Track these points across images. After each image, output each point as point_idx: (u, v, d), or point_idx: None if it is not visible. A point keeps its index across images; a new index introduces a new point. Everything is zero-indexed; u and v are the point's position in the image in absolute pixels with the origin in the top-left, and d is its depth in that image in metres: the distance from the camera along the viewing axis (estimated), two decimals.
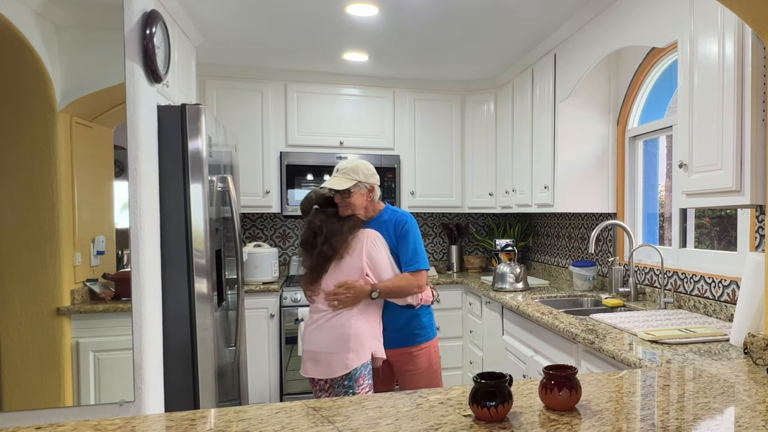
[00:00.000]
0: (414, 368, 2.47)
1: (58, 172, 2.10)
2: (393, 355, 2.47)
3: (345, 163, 2.46)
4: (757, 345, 1.66)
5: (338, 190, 2.40)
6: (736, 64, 1.78)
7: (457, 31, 3.22)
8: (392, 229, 2.47)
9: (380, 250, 2.41)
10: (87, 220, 2.10)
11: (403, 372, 2.50)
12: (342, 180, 2.40)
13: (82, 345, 2.04)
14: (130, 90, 2.18)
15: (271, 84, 4.01)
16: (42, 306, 1.98)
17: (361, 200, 2.44)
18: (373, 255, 2.39)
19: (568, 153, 3.20)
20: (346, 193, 2.41)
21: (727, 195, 1.86)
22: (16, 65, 2.68)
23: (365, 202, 2.46)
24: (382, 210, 2.53)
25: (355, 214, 2.44)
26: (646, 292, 2.91)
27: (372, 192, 2.48)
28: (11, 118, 2.75)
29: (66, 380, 2.02)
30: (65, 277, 2.02)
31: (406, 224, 2.47)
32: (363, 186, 2.43)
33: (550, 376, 1.24)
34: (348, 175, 2.41)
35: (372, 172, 2.49)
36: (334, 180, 2.41)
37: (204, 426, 1.15)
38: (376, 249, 2.40)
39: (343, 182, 2.39)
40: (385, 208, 2.55)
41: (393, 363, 2.50)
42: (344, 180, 2.40)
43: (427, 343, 2.50)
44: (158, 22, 2.27)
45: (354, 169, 2.42)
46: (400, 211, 2.54)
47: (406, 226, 2.47)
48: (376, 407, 1.27)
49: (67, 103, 2.88)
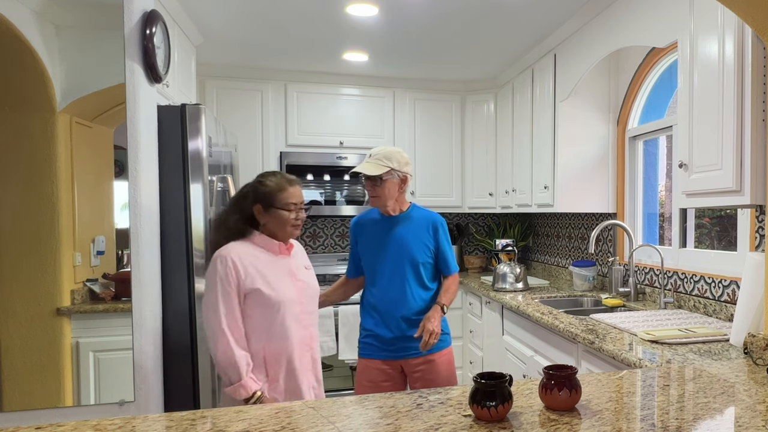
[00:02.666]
0: (435, 377, 2.27)
1: (58, 172, 2.10)
2: (414, 365, 2.28)
3: (378, 148, 2.28)
4: (757, 345, 1.66)
5: (369, 177, 2.21)
6: (736, 64, 1.78)
7: (457, 31, 3.22)
8: (430, 228, 2.31)
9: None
10: (87, 220, 2.10)
11: (425, 381, 2.27)
12: (374, 165, 2.20)
13: (82, 345, 2.04)
14: (130, 90, 2.18)
15: (271, 84, 4.01)
16: (42, 306, 1.99)
17: (393, 190, 2.25)
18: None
19: (568, 153, 3.20)
20: (377, 180, 2.20)
21: (727, 195, 1.86)
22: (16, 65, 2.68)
23: (396, 193, 2.27)
24: (410, 206, 2.36)
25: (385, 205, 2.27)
26: (646, 292, 2.91)
27: (405, 183, 2.28)
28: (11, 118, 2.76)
29: (66, 380, 2.02)
30: (65, 277, 2.02)
31: (444, 226, 2.35)
32: (396, 175, 2.23)
33: (550, 376, 1.24)
34: (381, 161, 2.21)
35: (407, 161, 2.28)
36: (365, 165, 2.21)
37: (204, 426, 1.15)
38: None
39: (375, 168, 2.20)
40: (412, 204, 2.38)
41: (411, 373, 2.30)
42: (377, 165, 2.20)
43: (449, 348, 2.35)
44: (158, 22, 2.27)
45: (388, 156, 2.23)
46: (429, 211, 2.39)
47: (444, 228, 2.34)
48: (376, 407, 1.27)
49: (67, 103, 2.88)
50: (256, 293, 1.81)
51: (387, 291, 2.30)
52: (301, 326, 1.89)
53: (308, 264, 2.04)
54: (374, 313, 2.33)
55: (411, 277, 2.29)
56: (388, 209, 2.29)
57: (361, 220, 2.43)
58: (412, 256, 2.29)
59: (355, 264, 2.44)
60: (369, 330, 2.35)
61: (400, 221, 2.31)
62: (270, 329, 1.83)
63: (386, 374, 2.30)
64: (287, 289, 1.86)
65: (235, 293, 1.79)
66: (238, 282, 1.79)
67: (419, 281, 2.30)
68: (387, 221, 2.33)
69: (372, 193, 2.25)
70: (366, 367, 2.34)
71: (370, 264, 2.36)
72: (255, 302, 1.81)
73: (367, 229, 2.38)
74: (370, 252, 2.35)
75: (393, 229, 2.32)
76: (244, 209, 1.89)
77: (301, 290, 1.92)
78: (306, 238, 4.45)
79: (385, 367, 2.30)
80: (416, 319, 2.26)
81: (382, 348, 2.30)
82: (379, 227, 2.34)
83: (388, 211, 2.31)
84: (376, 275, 2.34)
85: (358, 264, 2.42)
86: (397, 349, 2.29)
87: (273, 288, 1.82)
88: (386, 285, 2.30)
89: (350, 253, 2.48)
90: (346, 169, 4.06)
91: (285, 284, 1.87)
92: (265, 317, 1.82)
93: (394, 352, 2.29)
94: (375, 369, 2.31)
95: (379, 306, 2.32)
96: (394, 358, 2.30)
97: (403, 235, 2.30)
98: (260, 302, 1.81)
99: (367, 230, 2.38)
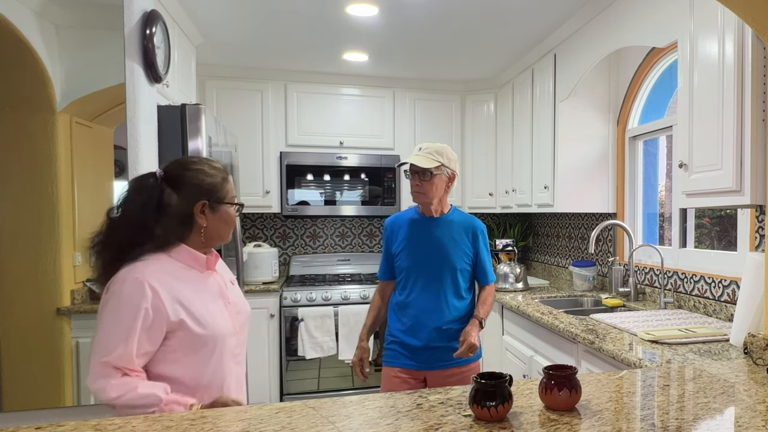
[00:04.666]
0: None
1: (58, 172, 2.10)
2: (441, 377, 2.17)
3: (428, 143, 2.18)
4: (757, 345, 1.65)
5: (420, 169, 2.10)
6: (736, 64, 1.78)
7: (457, 31, 3.22)
8: (470, 234, 2.21)
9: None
10: (87, 220, 2.10)
11: None
12: (425, 158, 2.10)
13: (82, 345, 2.04)
14: (130, 90, 2.18)
15: (271, 84, 4.01)
16: (42, 306, 1.99)
17: (441, 187, 2.14)
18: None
19: (568, 153, 3.20)
20: (427, 174, 2.10)
21: (727, 195, 1.86)
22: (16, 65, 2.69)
23: (443, 191, 2.16)
24: (451, 209, 2.25)
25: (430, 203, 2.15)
26: (646, 292, 2.91)
27: (452, 182, 2.18)
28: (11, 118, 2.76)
29: (66, 380, 2.02)
30: (65, 277, 2.02)
31: (485, 233, 2.25)
32: (446, 171, 2.14)
33: (550, 376, 1.24)
34: (432, 155, 2.10)
35: (456, 158, 2.19)
36: (416, 157, 2.11)
37: (204, 426, 1.15)
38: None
39: (426, 161, 2.09)
40: (453, 207, 2.27)
41: (435, 385, 2.16)
42: (428, 159, 2.10)
43: (477, 362, 2.26)
44: (158, 22, 2.27)
45: (439, 151, 2.12)
46: (470, 215, 2.28)
47: (485, 235, 2.24)
48: (376, 407, 1.27)
49: (67, 103, 2.88)
50: (181, 331, 1.32)
51: (421, 297, 2.19)
52: (236, 364, 1.46)
53: (233, 277, 1.60)
54: (404, 319, 2.22)
55: (448, 285, 2.18)
56: (431, 208, 2.19)
57: (397, 219, 2.31)
58: (451, 262, 2.17)
59: (390, 265, 2.32)
60: (396, 336, 2.24)
61: (441, 224, 2.21)
62: (200, 378, 1.36)
63: (407, 384, 2.19)
64: (221, 319, 1.40)
65: (156, 333, 1.29)
66: (157, 318, 1.29)
67: (455, 289, 2.20)
68: (426, 222, 2.22)
69: (419, 189, 2.13)
70: (389, 375, 2.24)
71: (405, 266, 2.23)
72: (178, 344, 1.32)
73: (404, 228, 2.25)
74: (406, 253, 2.23)
75: (433, 232, 2.20)
76: (177, 210, 1.38)
77: (234, 315, 1.47)
78: (306, 238, 4.45)
79: (406, 377, 2.20)
80: (447, 329, 2.16)
81: (409, 356, 2.20)
82: (418, 228, 2.23)
83: (430, 210, 2.20)
84: (410, 279, 2.22)
85: (392, 265, 2.30)
86: (424, 359, 2.18)
87: (203, 321, 1.35)
88: (420, 290, 2.19)
89: (383, 253, 2.35)
90: (346, 169, 4.06)
91: (217, 312, 1.40)
92: (192, 363, 1.34)
93: (421, 363, 2.19)
94: (395, 377, 2.22)
95: (410, 312, 2.20)
96: (419, 368, 2.20)
97: (442, 238, 2.19)
98: (186, 343, 1.33)
99: (403, 230, 2.25)
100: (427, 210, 2.21)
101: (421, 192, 2.13)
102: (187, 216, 1.39)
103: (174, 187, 1.39)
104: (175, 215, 1.38)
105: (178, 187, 1.39)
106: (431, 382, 2.19)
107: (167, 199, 1.37)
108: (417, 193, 2.14)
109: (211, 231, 1.43)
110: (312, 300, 3.71)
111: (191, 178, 1.41)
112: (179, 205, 1.38)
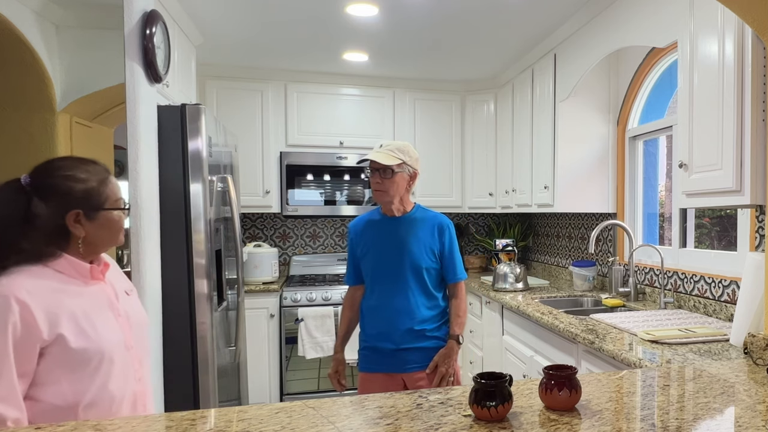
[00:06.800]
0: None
1: None
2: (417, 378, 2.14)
3: (389, 141, 2.14)
4: (757, 345, 1.66)
5: (381, 166, 2.05)
6: (736, 64, 1.78)
7: (457, 31, 3.22)
8: (435, 231, 2.16)
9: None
10: None
11: None
12: (387, 155, 2.05)
13: None
14: (130, 90, 2.18)
15: (271, 84, 4.01)
16: None
17: (402, 186, 2.10)
18: None
19: (568, 153, 3.20)
20: (388, 172, 2.05)
21: (727, 195, 1.86)
22: (16, 65, 2.69)
23: (404, 189, 2.12)
24: (414, 207, 2.21)
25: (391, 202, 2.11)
26: (646, 292, 2.91)
27: (413, 180, 2.14)
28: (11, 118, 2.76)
29: None
30: None
31: (451, 228, 2.19)
32: (407, 169, 2.10)
33: (550, 376, 1.24)
34: (394, 152, 2.06)
35: (417, 157, 2.15)
36: (377, 153, 2.06)
37: (204, 426, 1.15)
38: None
39: (387, 158, 2.05)
40: (416, 205, 2.23)
41: (413, 387, 2.12)
42: (389, 156, 2.05)
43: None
44: (158, 22, 2.27)
45: (401, 148, 2.09)
46: (435, 212, 2.23)
47: (451, 230, 2.19)
48: (376, 407, 1.27)
49: (67, 103, 2.88)
50: (58, 346, 1.18)
51: (389, 300, 2.15)
52: (136, 380, 1.34)
53: (129, 287, 1.46)
54: (375, 323, 2.19)
55: (414, 285, 2.14)
56: (392, 207, 2.15)
57: (359, 221, 2.28)
58: (415, 262, 2.13)
59: (356, 269, 2.30)
60: (368, 341, 2.22)
61: (403, 223, 2.16)
62: (81, 396, 1.22)
63: (387, 389, 2.14)
64: (108, 332, 1.27)
65: (28, 350, 1.16)
66: (28, 335, 1.15)
67: (423, 288, 2.16)
68: (389, 222, 2.18)
69: (379, 187, 2.08)
70: (366, 380, 2.23)
71: (369, 269, 2.21)
72: (57, 362, 1.19)
73: (367, 231, 2.23)
74: (369, 256, 2.20)
75: (395, 232, 2.16)
76: (46, 221, 1.23)
77: (128, 329, 1.34)
78: (306, 238, 4.45)
79: (386, 380, 2.18)
80: (420, 330, 2.14)
81: (382, 361, 2.19)
82: (380, 229, 2.20)
83: (391, 209, 2.16)
84: (376, 282, 2.20)
85: (359, 269, 2.28)
86: (398, 362, 2.16)
87: (85, 334, 1.22)
88: (388, 293, 2.16)
89: (348, 258, 2.33)
90: (346, 169, 4.06)
91: (103, 324, 1.27)
92: (74, 381, 1.20)
93: (395, 366, 2.17)
94: (374, 383, 2.19)
95: (381, 315, 2.17)
96: (395, 372, 2.17)
97: (406, 238, 2.15)
98: (65, 360, 1.19)
99: (366, 232, 2.24)
100: (388, 210, 2.18)
101: (382, 190, 2.08)
102: (59, 226, 1.25)
103: (41, 196, 1.24)
104: (44, 227, 1.23)
105: (45, 196, 1.24)
106: (409, 383, 2.16)
107: (35, 209, 1.23)
108: (377, 191, 2.09)
109: (92, 239, 1.29)
110: (312, 300, 3.71)
111: (58, 187, 1.26)
112: (48, 216, 1.24)
